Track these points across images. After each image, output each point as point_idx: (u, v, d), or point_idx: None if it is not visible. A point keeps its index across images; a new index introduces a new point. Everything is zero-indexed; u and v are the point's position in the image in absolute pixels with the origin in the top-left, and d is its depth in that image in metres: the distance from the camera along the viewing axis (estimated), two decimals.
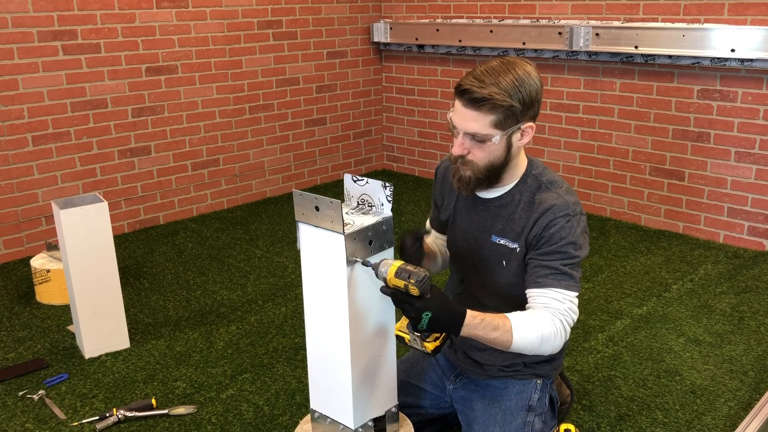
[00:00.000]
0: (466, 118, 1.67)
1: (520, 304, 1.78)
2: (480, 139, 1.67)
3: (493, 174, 1.74)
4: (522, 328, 1.63)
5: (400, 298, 1.53)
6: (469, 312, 1.57)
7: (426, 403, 2.07)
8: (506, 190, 1.80)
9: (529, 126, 1.71)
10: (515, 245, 1.79)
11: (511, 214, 1.79)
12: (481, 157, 1.71)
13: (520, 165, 1.80)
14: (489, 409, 1.90)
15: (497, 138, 1.66)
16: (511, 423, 1.86)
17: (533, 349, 1.66)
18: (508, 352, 1.87)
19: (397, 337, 1.61)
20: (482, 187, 1.79)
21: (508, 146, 1.71)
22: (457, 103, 1.68)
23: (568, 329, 1.69)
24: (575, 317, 1.71)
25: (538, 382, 1.94)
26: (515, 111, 1.65)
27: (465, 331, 1.57)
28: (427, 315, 1.51)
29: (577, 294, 1.71)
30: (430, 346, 1.58)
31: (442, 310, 1.53)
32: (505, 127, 1.66)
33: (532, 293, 1.71)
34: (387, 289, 1.54)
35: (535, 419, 1.89)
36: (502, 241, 1.81)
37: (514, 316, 1.64)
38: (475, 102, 1.63)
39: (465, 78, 1.66)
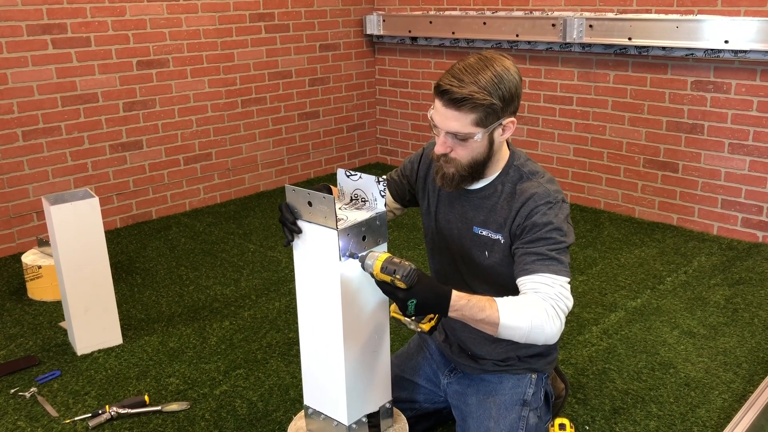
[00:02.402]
0: (447, 118, 1.66)
1: (507, 285, 1.76)
2: (462, 138, 1.67)
3: (477, 170, 1.74)
4: (509, 311, 1.58)
5: (386, 289, 1.54)
6: (454, 293, 1.56)
7: (420, 398, 2.06)
8: (488, 182, 1.80)
9: (510, 121, 1.70)
10: (498, 236, 1.78)
11: (494, 205, 1.79)
12: (463, 154, 1.70)
13: (502, 157, 1.80)
14: (483, 404, 1.90)
15: (479, 136, 1.66)
16: (506, 418, 1.86)
17: (523, 335, 1.59)
18: (503, 345, 1.88)
19: (394, 318, 1.62)
20: (466, 183, 1.78)
21: (490, 142, 1.70)
22: (437, 103, 1.67)
23: (562, 316, 1.62)
24: (569, 303, 1.64)
25: (533, 376, 1.93)
26: (496, 108, 1.64)
27: (452, 312, 1.56)
28: (412, 302, 1.51)
29: (567, 279, 1.67)
30: (425, 327, 1.60)
31: (427, 295, 1.52)
32: (486, 124, 1.65)
33: (521, 281, 1.68)
34: (374, 280, 1.55)
35: (530, 414, 1.89)
36: (484, 233, 1.81)
37: (502, 300, 1.61)
38: (455, 102, 1.62)
39: (444, 77, 1.65)
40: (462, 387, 1.99)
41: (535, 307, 1.60)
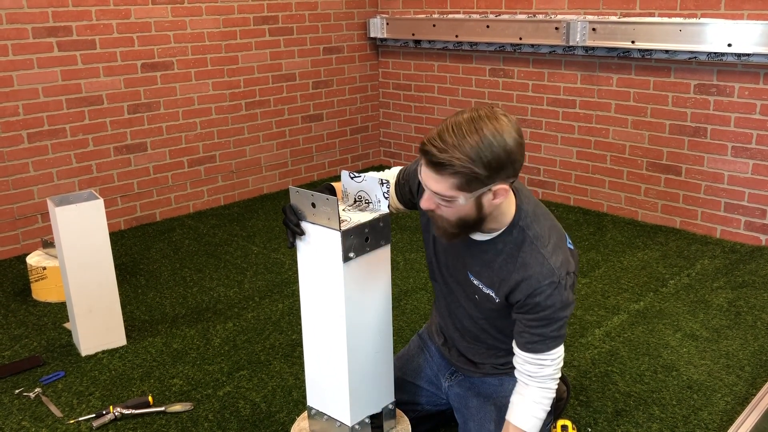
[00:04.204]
0: (428, 178, 1.55)
1: (497, 321, 1.82)
2: (445, 200, 1.55)
3: (468, 228, 1.64)
4: (532, 422, 1.74)
5: None
6: None
7: (422, 400, 2.06)
8: (490, 237, 1.71)
9: (501, 188, 1.55)
10: (490, 291, 1.74)
11: (491, 261, 1.71)
12: (449, 213, 1.59)
13: (505, 214, 1.67)
14: (484, 407, 1.90)
15: (462, 200, 1.54)
16: None
17: (545, 416, 1.77)
18: (501, 353, 1.91)
19: None
20: (460, 238, 1.68)
21: (479, 206, 1.58)
22: (421, 161, 1.56)
23: (558, 376, 1.76)
24: (561, 363, 1.75)
25: None
26: (479, 176, 1.50)
27: None
28: None
29: (562, 347, 1.74)
30: None
31: None
32: (470, 190, 1.52)
33: (521, 355, 1.74)
34: None
35: None
36: (476, 282, 1.76)
37: (520, 419, 1.73)
38: (434, 165, 1.51)
39: (431, 133, 1.52)
40: (463, 389, 2.00)
41: (543, 396, 1.74)
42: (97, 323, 2.73)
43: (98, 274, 2.69)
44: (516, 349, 1.75)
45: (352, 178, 1.70)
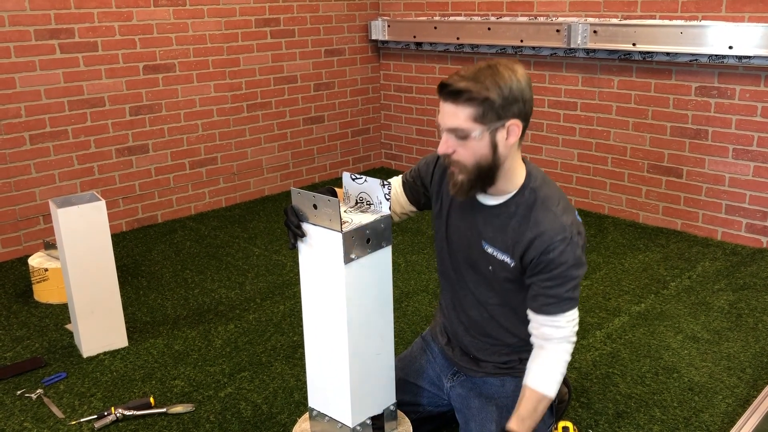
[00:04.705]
0: (445, 113, 1.64)
1: (512, 298, 1.82)
2: (461, 135, 1.62)
3: (484, 176, 1.68)
4: (548, 384, 1.74)
5: None
6: (513, 420, 1.71)
7: (424, 401, 2.07)
8: (503, 200, 1.76)
9: (514, 123, 1.63)
10: (505, 257, 1.76)
11: (504, 225, 1.75)
12: (466, 156, 1.65)
13: (516, 173, 1.74)
14: (486, 407, 1.91)
15: (477, 133, 1.61)
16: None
17: (561, 379, 1.77)
18: (505, 350, 1.91)
19: None
20: (476, 190, 1.73)
21: (493, 145, 1.64)
22: (440, 101, 1.66)
23: (574, 339, 1.77)
24: (576, 328, 1.76)
25: None
26: (493, 105, 1.59)
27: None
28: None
29: (577, 309, 1.75)
30: None
31: None
32: (485, 121, 1.60)
33: (535, 318, 1.75)
34: None
35: None
36: (489, 250, 1.79)
37: (537, 381, 1.74)
38: (451, 95, 1.60)
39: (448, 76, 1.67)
40: (465, 390, 2.00)
41: (559, 361, 1.76)
42: (99, 324, 2.73)
43: (100, 276, 2.70)
44: (531, 315, 1.76)
45: (353, 179, 1.71)
